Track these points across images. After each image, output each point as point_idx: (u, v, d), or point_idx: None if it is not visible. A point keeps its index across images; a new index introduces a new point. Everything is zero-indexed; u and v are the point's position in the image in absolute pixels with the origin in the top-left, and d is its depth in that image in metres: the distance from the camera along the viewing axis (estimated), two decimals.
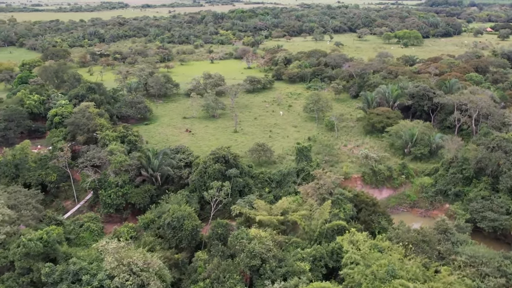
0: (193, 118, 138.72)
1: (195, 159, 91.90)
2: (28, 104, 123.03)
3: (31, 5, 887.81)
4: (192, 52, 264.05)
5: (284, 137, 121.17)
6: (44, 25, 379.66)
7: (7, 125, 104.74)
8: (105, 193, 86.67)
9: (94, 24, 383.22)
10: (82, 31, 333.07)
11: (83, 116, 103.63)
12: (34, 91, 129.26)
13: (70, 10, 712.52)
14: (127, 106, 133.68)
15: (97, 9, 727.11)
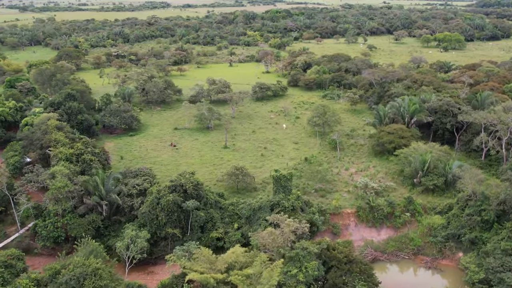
0: (185, 130, 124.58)
1: (150, 187, 77.30)
2: (1, 111, 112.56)
3: (77, 4, 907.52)
4: (213, 54, 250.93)
5: (279, 156, 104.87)
6: (74, 25, 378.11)
7: None
8: (41, 223, 73.71)
9: (124, 24, 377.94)
10: (108, 30, 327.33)
11: (39, 129, 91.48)
12: (11, 97, 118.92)
13: (112, 10, 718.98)
14: (112, 115, 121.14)
15: (138, 9, 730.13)
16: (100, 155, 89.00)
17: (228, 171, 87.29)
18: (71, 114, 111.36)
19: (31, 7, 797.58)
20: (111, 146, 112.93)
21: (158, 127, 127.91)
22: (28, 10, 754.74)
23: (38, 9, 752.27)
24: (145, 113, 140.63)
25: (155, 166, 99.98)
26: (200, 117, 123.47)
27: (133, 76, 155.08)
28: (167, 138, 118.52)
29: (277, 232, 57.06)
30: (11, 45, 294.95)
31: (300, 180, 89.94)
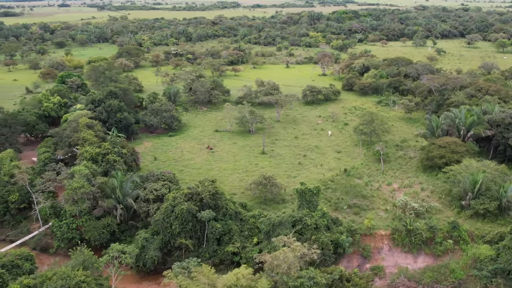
0: (225, 132, 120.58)
1: (168, 192, 73.45)
2: (45, 106, 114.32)
3: (152, 3, 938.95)
4: (271, 55, 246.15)
5: (317, 166, 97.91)
6: (142, 23, 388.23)
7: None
8: (57, 223, 72.23)
9: (189, 23, 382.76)
10: (173, 29, 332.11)
11: (69, 126, 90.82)
12: (57, 93, 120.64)
13: (183, 9, 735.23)
14: (153, 114, 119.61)
15: (209, 9, 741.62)
16: (127, 155, 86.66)
17: (255, 180, 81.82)
18: (111, 112, 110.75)
19: (109, 5, 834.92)
20: (148, 146, 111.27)
21: (200, 128, 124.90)
22: (105, 8, 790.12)
23: (115, 7, 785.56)
24: (190, 113, 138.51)
25: (186, 169, 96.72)
26: (241, 120, 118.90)
27: (181, 75, 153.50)
28: (206, 140, 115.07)
29: (281, 257, 50.86)
30: (81, 42, 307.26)
31: (334, 194, 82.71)
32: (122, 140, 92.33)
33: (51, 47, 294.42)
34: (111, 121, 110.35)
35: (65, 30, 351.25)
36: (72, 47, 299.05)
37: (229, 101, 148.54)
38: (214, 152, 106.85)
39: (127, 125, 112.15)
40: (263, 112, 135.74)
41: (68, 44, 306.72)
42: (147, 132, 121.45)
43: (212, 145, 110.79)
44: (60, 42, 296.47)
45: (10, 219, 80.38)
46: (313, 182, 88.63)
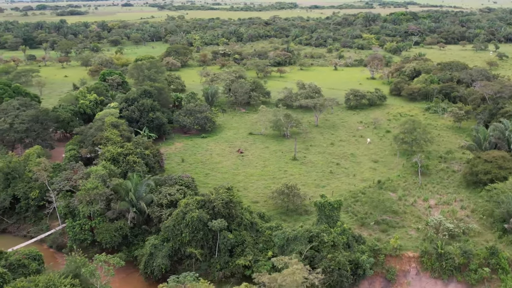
0: (259, 136, 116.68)
1: (183, 198, 70.39)
2: (81, 104, 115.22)
3: (211, 3, 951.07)
4: (320, 56, 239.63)
5: (350, 175, 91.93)
6: (196, 23, 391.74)
7: (30, 126, 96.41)
8: (70, 223, 71.13)
9: (242, 23, 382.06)
10: (225, 29, 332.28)
11: (95, 124, 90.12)
12: (94, 90, 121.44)
13: (241, 10, 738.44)
14: (187, 115, 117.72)
15: (266, 9, 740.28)
16: (150, 157, 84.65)
17: (277, 189, 77.34)
18: (143, 111, 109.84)
19: (169, 5, 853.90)
20: (179, 147, 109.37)
21: (234, 130, 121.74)
22: (165, 8, 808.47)
23: (175, 7, 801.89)
24: (227, 115, 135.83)
25: (212, 173, 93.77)
26: (275, 124, 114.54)
27: (221, 75, 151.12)
28: (237, 143, 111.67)
29: (278, 280, 46.18)
30: (135, 40, 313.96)
31: (362, 208, 76.67)
32: (147, 141, 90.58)
33: (106, 45, 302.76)
34: (143, 120, 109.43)
35: (121, 28, 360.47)
36: (126, 45, 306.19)
37: (269, 103, 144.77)
38: (244, 156, 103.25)
39: (159, 125, 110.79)
40: (302, 116, 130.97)
41: (123, 42, 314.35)
42: (180, 132, 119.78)
43: (243, 149, 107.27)
44: (115, 40, 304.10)
45: (31, 215, 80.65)
46: (342, 193, 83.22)
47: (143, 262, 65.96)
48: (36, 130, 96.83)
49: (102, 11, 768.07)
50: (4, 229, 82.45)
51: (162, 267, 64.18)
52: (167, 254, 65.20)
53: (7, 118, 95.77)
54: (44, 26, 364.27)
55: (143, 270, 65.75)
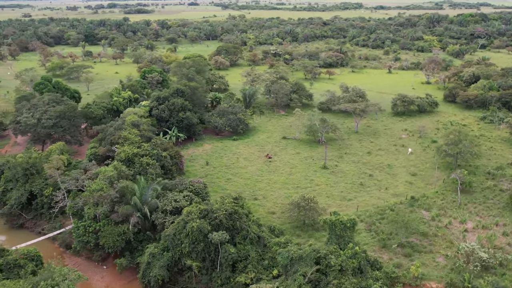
0: (293, 140, 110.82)
1: (189, 205, 66.18)
2: (114, 101, 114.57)
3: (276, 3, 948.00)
4: (375, 59, 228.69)
5: (381, 189, 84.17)
6: (253, 22, 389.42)
7: (57, 122, 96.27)
8: (76, 224, 69.13)
9: (300, 23, 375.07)
10: (281, 29, 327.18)
11: (115, 123, 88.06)
12: (129, 88, 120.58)
13: (304, 10, 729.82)
14: (220, 116, 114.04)
15: (329, 9, 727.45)
16: (166, 159, 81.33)
17: (293, 201, 71.46)
18: (173, 111, 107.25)
19: (232, 5, 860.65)
20: (207, 149, 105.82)
21: (267, 133, 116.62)
22: (229, 7, 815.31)
23: (238, 6, 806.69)
24: (264, 117, 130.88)
25: (234, 178, 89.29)
26: (310, 128, 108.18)
27: (262, 76, 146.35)
28: (268, 147, 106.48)
29: None
30: (191, 38, 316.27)
31: (387, 227, 69.04)
32: (166, 142, 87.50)
33: (163, 43, 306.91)
34: (172, 120, 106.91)
35: (179, 27, 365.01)
36: (182, 44, 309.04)
37: (310, 106, 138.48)
38: (272, 161, 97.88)
39: (189, 125, 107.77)
40: (342, 121, 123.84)
41: (179, 41, 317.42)
42: (213, 134, 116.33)
43: (273, 154, 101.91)
44: (171, 39, 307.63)
45: (46, 212, 79.86)
46: (368, 208, 76.03)
47: (141, 271, 62.63)
48: (63, 126, 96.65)
49: (168, 10, 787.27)
50: (21, 224, 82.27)
51: (159, 278, 60.40)
52: (166, 264, 61.30)
53: (35, 113, 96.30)
54: (107, 23, 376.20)
55: (141, 279, 62.45)
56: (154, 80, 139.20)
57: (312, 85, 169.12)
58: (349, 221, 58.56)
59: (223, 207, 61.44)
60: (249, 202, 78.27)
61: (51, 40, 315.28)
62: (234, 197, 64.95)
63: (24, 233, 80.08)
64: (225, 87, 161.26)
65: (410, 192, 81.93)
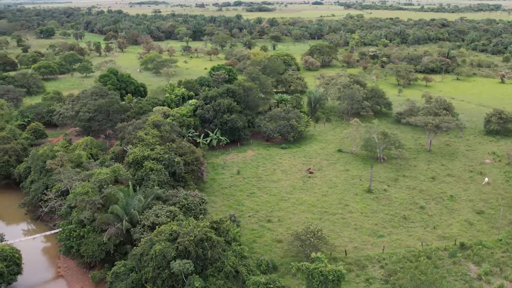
0: (348, 155, 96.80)
1: (167, 223, 57.44)
2: (166, 97, 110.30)
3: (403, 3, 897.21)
4: (489, 66, 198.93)
5: (427, 227, 67.81)
6: (362, 22, 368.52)
7: (95, 116, 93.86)
8: (62, 227, 64.56)
9: (415, 24, 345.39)
10: (392, 29, 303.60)
11: (136, 121, 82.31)
12: (184, 85, 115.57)
13: (431, 10, 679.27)
14: (271, 120, 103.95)
15: (461, 10, 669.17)
16: (179, 165, 73.58)
17: (295, 231, 59.29)
18: (218, 112, 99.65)
19: (356, 4, 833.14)
20: (248, 156, 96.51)
21: (323, 144, 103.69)
22: (352, 7, 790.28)
23: (361, 6, 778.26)
24: (329, 125, 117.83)
25: (258, 193, 79.02)
26: (367, 142, 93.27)
27: (337, 79, 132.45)
28: (316, 160, 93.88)
29: None
30: (295, 37, 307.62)
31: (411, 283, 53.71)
32: (187, 145, 79.68)
33: (266, 41, 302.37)
34: (216, 121, 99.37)
35: (286, 25, 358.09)
36: (286, 42, 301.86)
37: (387, 116, 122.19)
38: (311, 177, 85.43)
39: (233, 128, 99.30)
40: (418, 136, 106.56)
41: (283, 39, 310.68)
42: (262, 139, 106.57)
43: (317, 168, 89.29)
44: (275, 36, 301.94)
45: (58, 207, 76.98)
46: (399, 251, 61.03)
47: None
48: (100, 120, 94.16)
49: (290, 9, 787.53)
50: (39, 216, 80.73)
51: None
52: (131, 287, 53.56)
53: (75, 106, 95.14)
54: (217, 20, 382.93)
55: None
56: (220, 78, 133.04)
57: (400, 92, 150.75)
58: (333, 272, 45.31)
59: (194, 231, 51.85)
60: (257, 225, 67.84)
61: (162, 34, 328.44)
62: (214, 220, 54.91)
63: (40, 226, 78.32)
64: (302, 89, 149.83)
65: (464, 237, 64.57)
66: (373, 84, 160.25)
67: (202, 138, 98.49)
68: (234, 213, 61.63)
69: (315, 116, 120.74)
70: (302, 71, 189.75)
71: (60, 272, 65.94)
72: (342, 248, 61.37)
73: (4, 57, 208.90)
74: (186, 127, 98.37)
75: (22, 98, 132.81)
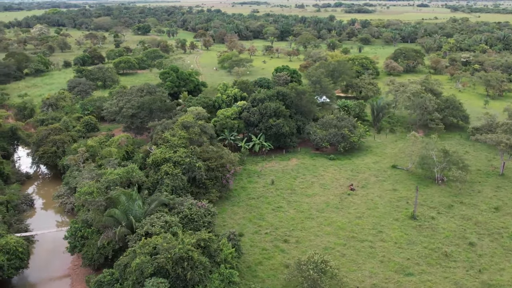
0: (402, 172, 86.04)
1: (159, 234, 52.75)
2: (216, 97, 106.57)
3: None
4: None
5: (472, 269, 56.65)
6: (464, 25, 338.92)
7: (137, 113, 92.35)
8: (71, 225, 62.86)
9: None
10: (494, 34, 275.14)
11: (167, 121, 78.64)
12: (238, 85, 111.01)
13: None
14: (322, 128, 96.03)
15: None
16: (200, 170, 68.90)
17: (295, 262, 51.68)
18: (264, 115, 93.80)
19: (464, 7, 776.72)
20: (290, 165, 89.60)
21: (378, 158, 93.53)
22: (459, 10, 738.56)
23: (469, 9, 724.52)
24: (392, 136, 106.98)
25: (285, 207, 72.23)
26: (423, 160, 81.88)
27: (408, 86, 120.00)
28: (363, 176, 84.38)
29: None
30: (385, 39, 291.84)
31: None
32: (214, 150, 74.73)
33: (355, 42, 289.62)
34: (261, 125, 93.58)
35: (379, 27, 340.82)
36: (375, 45, 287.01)
37: (464, 131, 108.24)
38: (350, 195, 76.52)
39: (278, 134, 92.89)
40: (493, 156, 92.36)
41: (373, 41, 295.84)
42: (311, 147, 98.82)
43: (362, 186, 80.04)
44: (364, 38, 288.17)
45: None
46: None
47: None
48: (142, 117, 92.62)
49: (392, 11, 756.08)
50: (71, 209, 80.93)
51: None
52: None
53: (120, 101, 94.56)
54: (307, 20, 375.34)
55: None
56: (281, 79, 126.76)
57: (487, 103, 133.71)
58: None
59: (174, 248, 46.73)
60: (270, 244, 61.23)
61: (250, 34, 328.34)
62: (203, 238, 49.30)
63: (71, 219, 78.24)
64: (374, 94, 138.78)
65: None
66: (458, 93, 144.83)
67: (244, 143, 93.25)
68: (235, 231, 55.30)
69: (377, 126, 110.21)
70: (382, 76, 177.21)
71: (69, 270, 64.82)
72: (356, 284, 52.74)
73: (93, 51, 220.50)
74: (229, 129, 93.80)
75: (92, 91, 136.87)
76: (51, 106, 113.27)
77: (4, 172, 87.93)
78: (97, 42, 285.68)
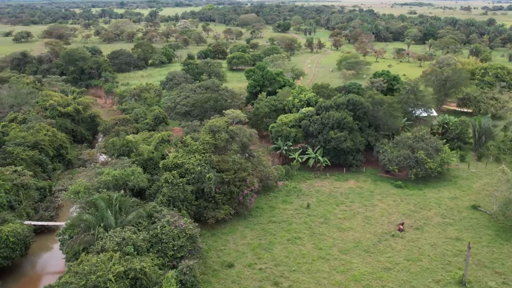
0: (484, 215, 66.96)
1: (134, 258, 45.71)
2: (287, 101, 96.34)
3: None
4: None
5: None
6: None
7: (191, 110, 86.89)
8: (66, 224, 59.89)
9: None
10: None
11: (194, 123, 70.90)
12: (316, 89, 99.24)
13: None
14: (397, 147, 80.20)
15: None
16: (209, 183, 60.58)
17: None
18: (326, 126, 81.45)
19: None
20: (344, 188, 76.33)
21: (460, 192, 74.61)
22: None
23: None
24: (494, 165, 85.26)
25: (302, 240, 60.58)
26: (506, 205, 62.20)
27: None
28: (426, 215, 67.49)
29: None
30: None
31: None
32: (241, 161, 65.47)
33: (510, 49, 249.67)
34: (320, 137, 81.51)
35: None
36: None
37: None
38: (396, 236, 61.13)
39: (338, 150, 79.84)
40: None
41: None
42: (382, 169, 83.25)
43: (416, 226, 63.85)
44: None
45: None
46: None
47: None
48: (195, 116, 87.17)
49: None
50: None
51: None
52: None
53: (178, 98, 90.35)
54: (458, 23, 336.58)
55: None
56: (374, 85, 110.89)
57: None
58: None
59: (92, 275, 39.62)
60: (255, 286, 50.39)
61: (389, 35, 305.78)
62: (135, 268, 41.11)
63: None
64: (497, 112, 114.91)
65: None
66: None
67: (298, 155, 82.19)
68: (191, 264, 45.65)
69: (479, 152, 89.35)
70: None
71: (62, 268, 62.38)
72: None
73: (217, 46, 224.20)
74: (284, 138, 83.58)
75: (186, 85, 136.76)
76: (135, 96, 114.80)
77: (65, 157, 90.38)
78: (231, 37, 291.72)
